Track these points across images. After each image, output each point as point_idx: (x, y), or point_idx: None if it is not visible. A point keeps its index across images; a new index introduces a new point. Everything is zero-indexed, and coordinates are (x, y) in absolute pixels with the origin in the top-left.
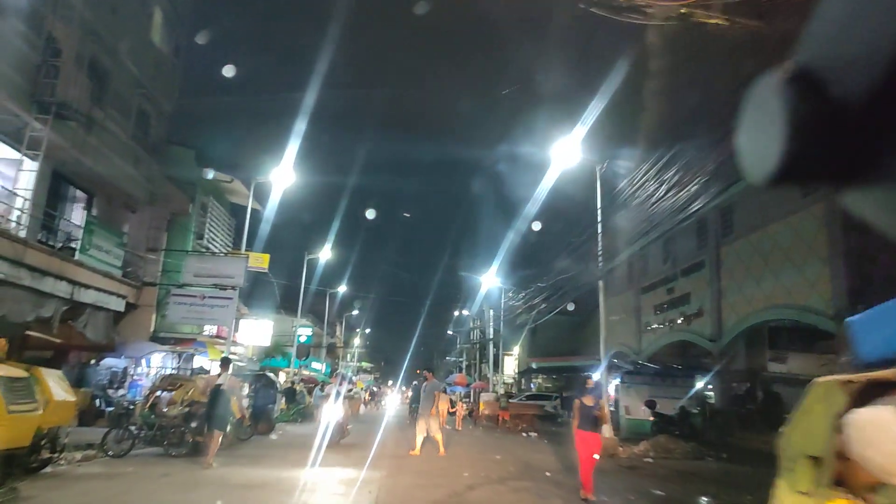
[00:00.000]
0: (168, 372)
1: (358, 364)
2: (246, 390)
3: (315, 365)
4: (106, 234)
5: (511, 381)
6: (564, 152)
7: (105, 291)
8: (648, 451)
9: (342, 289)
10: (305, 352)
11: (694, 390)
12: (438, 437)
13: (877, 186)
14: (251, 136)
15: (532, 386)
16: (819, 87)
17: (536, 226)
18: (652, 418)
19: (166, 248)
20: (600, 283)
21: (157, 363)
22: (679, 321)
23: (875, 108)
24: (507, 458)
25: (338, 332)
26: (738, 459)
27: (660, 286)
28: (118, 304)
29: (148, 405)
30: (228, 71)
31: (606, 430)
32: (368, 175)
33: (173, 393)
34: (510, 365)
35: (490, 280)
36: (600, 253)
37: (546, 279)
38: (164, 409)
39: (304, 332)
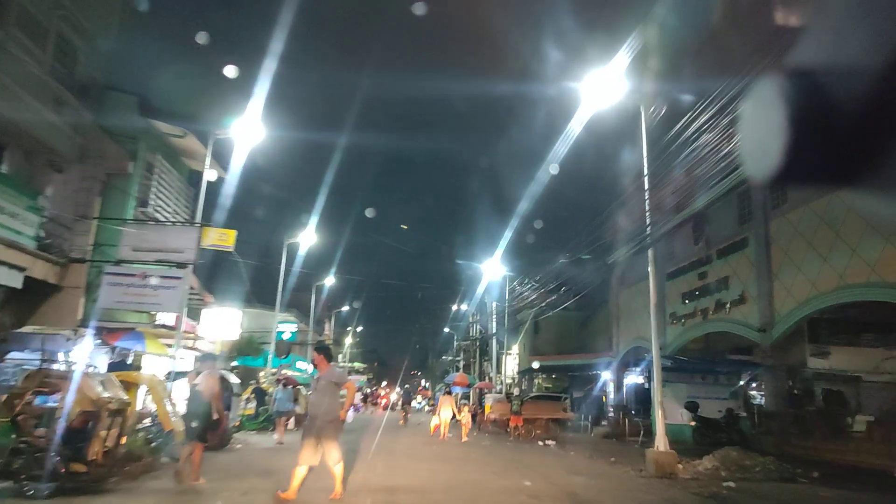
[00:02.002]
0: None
1: (350, 364)
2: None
3: (301, 365)
4: (10, 192)
5: (511, 381)
6: (600, 88)
7: (5, 265)
8: (718, 468)
9: (329, 281)
10: (286, 349)
11: (737, 389)
12: None
13: (877, 186)
14: (214, 86)
15: (533, 386)
16: (819, 87)
17: (545, 206)
18: (693, 423)
19: (100, 216)
20: (649, 254)
21: (89, 357)
22: (714, 310)
23: (875, 108)
24: (540, 485)
25: (327, 330)
26: (835, 480)
27: (689, 271)
28: (14, 279)
29: (11, 417)
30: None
31: (662, 444)
32: (360, 135)
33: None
34: (510, 364)
35: (493, 268)
36: (647, 212)
37: (558, 262)
38: (35, 425)
39: (288, 328)
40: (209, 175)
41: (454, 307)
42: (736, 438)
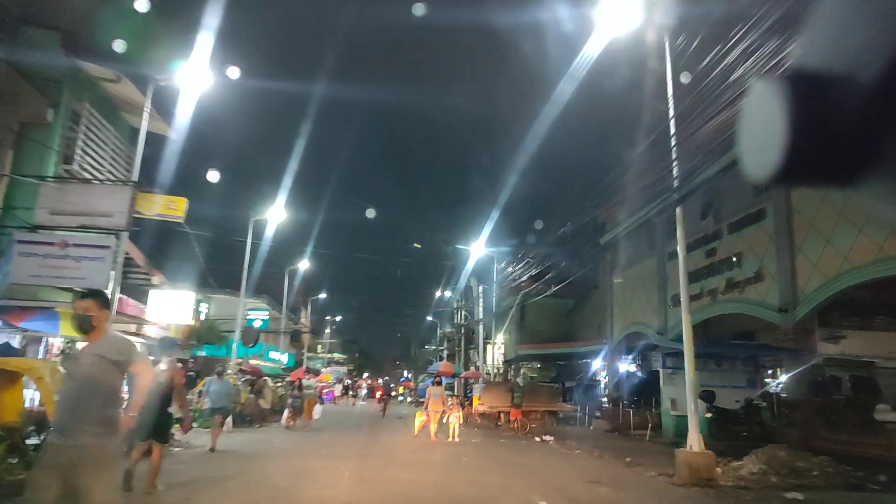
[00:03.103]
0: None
1: (329, 354)
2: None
3: (273, 355)
4: None
5: (496, 370)
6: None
7: None
8: (766, 472)
9: (303, 265)
10: (255, 337)
11: (756, 376)
12: None
13: (878, 185)
14: (157, 20)
15: (519, 376)
16: (819, 87)
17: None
18: (709, 415)
19: (11, 172)
20: (678, 213)
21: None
22: (724, 290)
23: (875, 108)
24: (558, 501)
25: (303, 318)
26: None
27: (695, 248)
28: None
29: None
30: None
31: (696, 443)
32: (338, 85)
33: None
34: (495, 354)
35: (480, 249)
36: (674, 163)
37: (551, 237)
38: None
39: (259, 316)
40: (148, 128)
41: (438, 293)
42: (757, 431)
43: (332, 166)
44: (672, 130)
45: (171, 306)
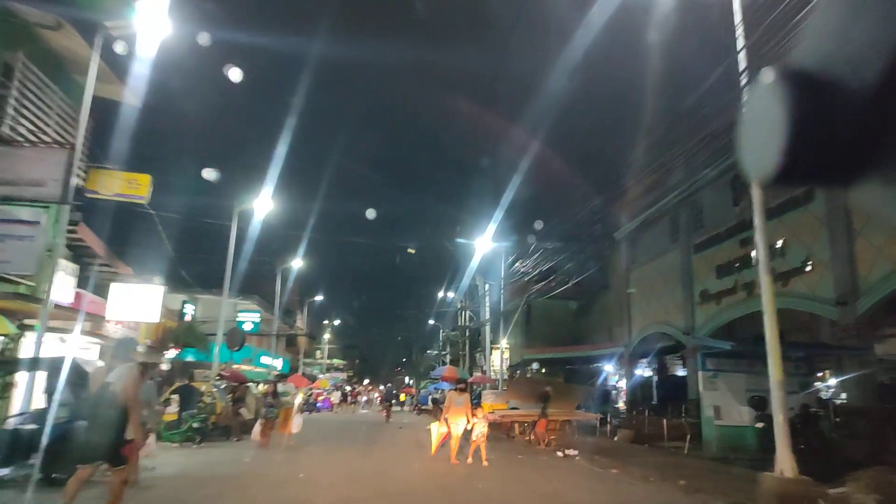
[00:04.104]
0: None
1: (328, 361)
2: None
3: (266, 360)
4: None
5: (503, 375)
6: None
7: None
8: (882, 502)
9: (297, 263)
10: (241, 340)
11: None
12: None
13: (879, 185)
14: None
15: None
16: (819, 87)
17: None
18: (760, 424)
19: None
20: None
21: None
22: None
23: (875, 107)
24: None
25: (299, 322)
26: None
27: (726, 239)
28: None
29: None
30: None
31: (788, 466)
32: (330, 45)
33: None
34: (497, 358)
35: (486, 243)
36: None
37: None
38: None
39: (249, 318)
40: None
41: (440, 294)
42: (816, 444)
43: (328, 147)
44: (741, 64)
45: (137, 302)
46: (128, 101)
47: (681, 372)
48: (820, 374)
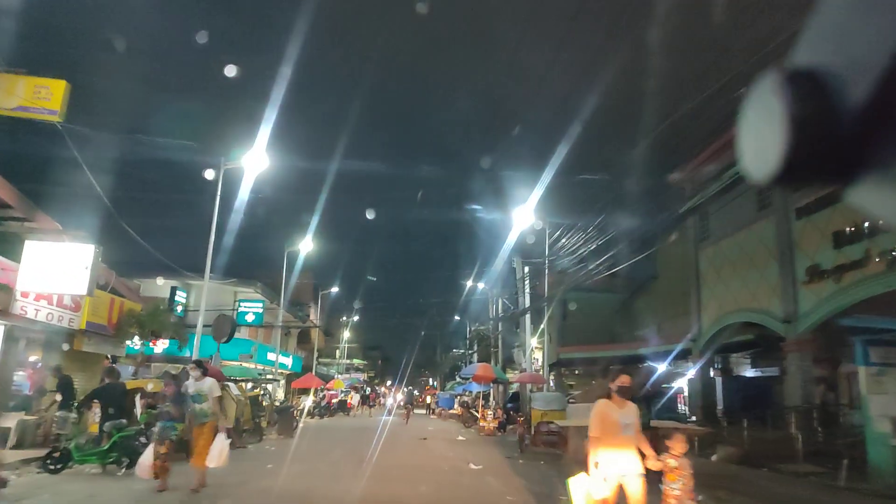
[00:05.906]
0: None
1: (347, 361)
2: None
3: (271, 356)
4: None
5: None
6: None
7: None
8: None
9: (307, 245)
10: (229, 330)
11: None
12: None
13: (879, 185)
14: None
15: (553, 384)
16: (819, 87)
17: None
18: None
19: None
20: None
21: None
22: None
23: (875, 107)
24: None
25: (312, 315)
26: None
27: (842, 200)
28: None
29: None
30: None
31: None
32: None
33: None
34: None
35: (525, 218)
36: None
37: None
38: None
39: (251, 308)
40: None
41: (468, 283)
42: None
43: (342, 92)
44: None
45: (61, 267)
46: None
47: (749, 373)
48: None
